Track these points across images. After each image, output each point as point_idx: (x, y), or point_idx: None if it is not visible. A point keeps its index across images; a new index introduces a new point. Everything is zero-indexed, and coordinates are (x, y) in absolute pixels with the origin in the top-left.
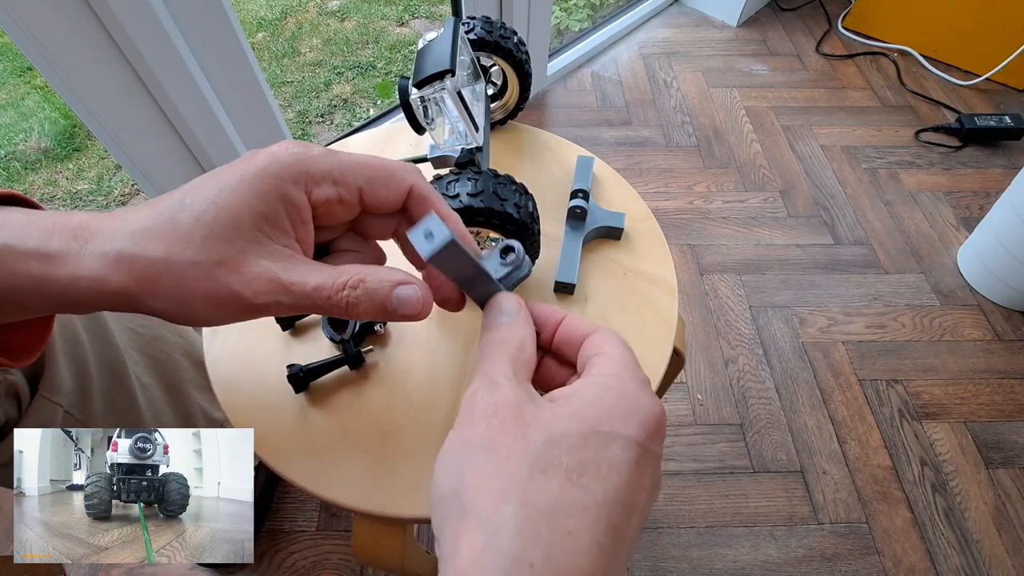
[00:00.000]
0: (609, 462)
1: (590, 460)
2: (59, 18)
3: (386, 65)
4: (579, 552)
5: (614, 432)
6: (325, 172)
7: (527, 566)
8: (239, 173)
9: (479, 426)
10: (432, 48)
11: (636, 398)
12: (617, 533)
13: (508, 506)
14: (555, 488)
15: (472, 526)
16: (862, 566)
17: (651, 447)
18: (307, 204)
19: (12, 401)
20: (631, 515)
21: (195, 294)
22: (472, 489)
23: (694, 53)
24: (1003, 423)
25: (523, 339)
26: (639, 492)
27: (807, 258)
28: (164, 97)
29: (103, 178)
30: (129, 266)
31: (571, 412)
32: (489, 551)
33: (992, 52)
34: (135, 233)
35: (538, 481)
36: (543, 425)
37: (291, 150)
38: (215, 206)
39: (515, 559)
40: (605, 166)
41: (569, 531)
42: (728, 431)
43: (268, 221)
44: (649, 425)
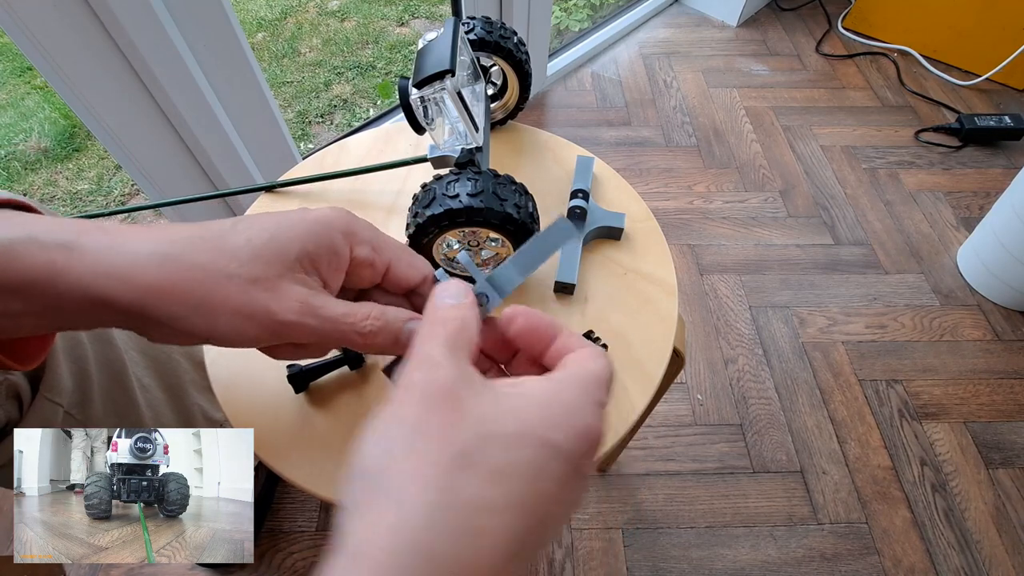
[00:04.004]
0: (536, 468)
1: (518, 462)
2: (59, 18)
3: (386, 65)
4: (485, 551)
5: (550, 441)
6: (368, 237)
7: (429, 554)
8: (297, 216)
9: (413, 406)
10: (432, 48)
11: (582, 412)
12: (527, 540)
13: (425, 493)
14: (477, 484)
15: (385, 505)
16: (862, 566)
17: (582, 465)
18: (348, 256)
19: (13, 402)
20: (546, 527)
21: (225, 305)
22: (394, 469)
23: (694, 53)
24: (1003, 423)
25: (465, 319)
26: (559, 506)
27: (807, 258)
28: (164, 97)
29: (103, 178)
30: (166, 264)
31: (511, 408)
32: (395, 532)
33: (992, 52)
34: (177, 241)
35: (462, 473)
36: (478, 415)
37: (346, 213)
38: (267, 233)
39: (419, 545)
40: (605, 166)
41: (480, 530)
42: (728, 431)
43: (311, 259)
44: (586, 443)
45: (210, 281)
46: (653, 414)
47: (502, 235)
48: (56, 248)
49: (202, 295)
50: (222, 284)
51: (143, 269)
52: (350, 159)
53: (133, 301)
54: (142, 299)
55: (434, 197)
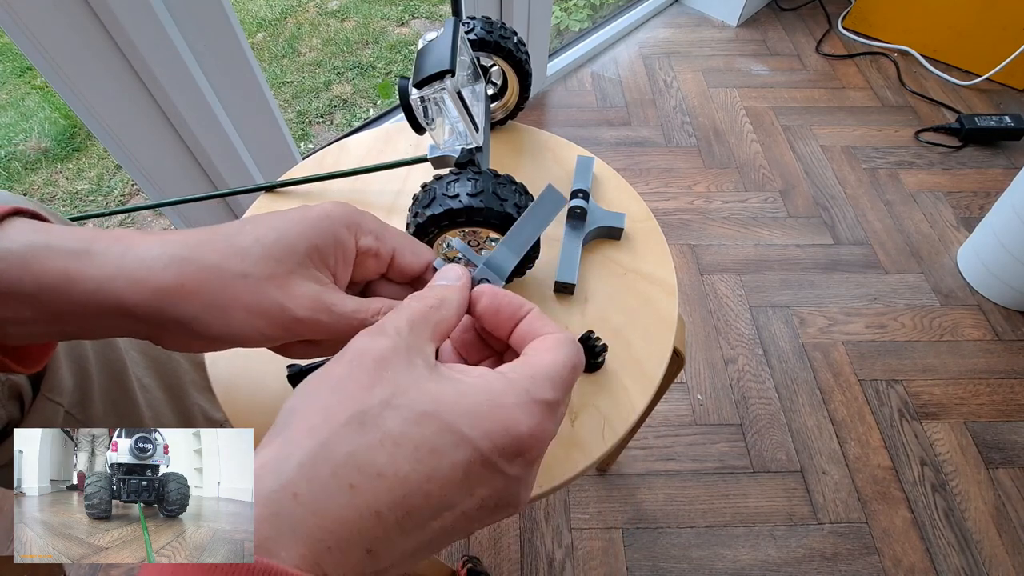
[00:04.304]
0: (432, 449)
1: (414, 438)
2: (59, 18)
3: (386, 65)
4: (351, 508)
5: (454, 426)
6: (372, 228)
7: (291, 495)
8: (300, 214)
9: (340, 364)
10: (432, 48)
11: (504, 409)
12: (411, 516)
13: (310, 439)
14: (362, 444)
15: (276, 444)
16: (862, 566)
17: (496, 461)
18: (353, 248)
19: (15, 402)
20: (439, 510)
21: (239, 303)
22: (298, 414)
23: (694, 53)
24: (1003, 423)
25: (443, 299)
26: (459, 495)
27: (807, 258)
28: (164, 97)
29: (103, 178)
30: (180, 266)
31: (433, 389)
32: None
33: (992, 52)
34: (189, 244)
35: (351, 431)
36: (396, 386)
37: (350, 206)
38: (275, 232)
39: (285, 485)
40: (605, 166)
41: (351, 485)
42: (728, 431)
43: (319, 253)
44: (501, 439)
45: (223, 281)
46: (653, 414)
47: (502, 235)
48: (70, 255)
49: (215, 294)
50: (235, 283)
51: (156, 272)
52: (350, 159)
53: (147, 304)
54: (156, 301)
55: (434, 197)
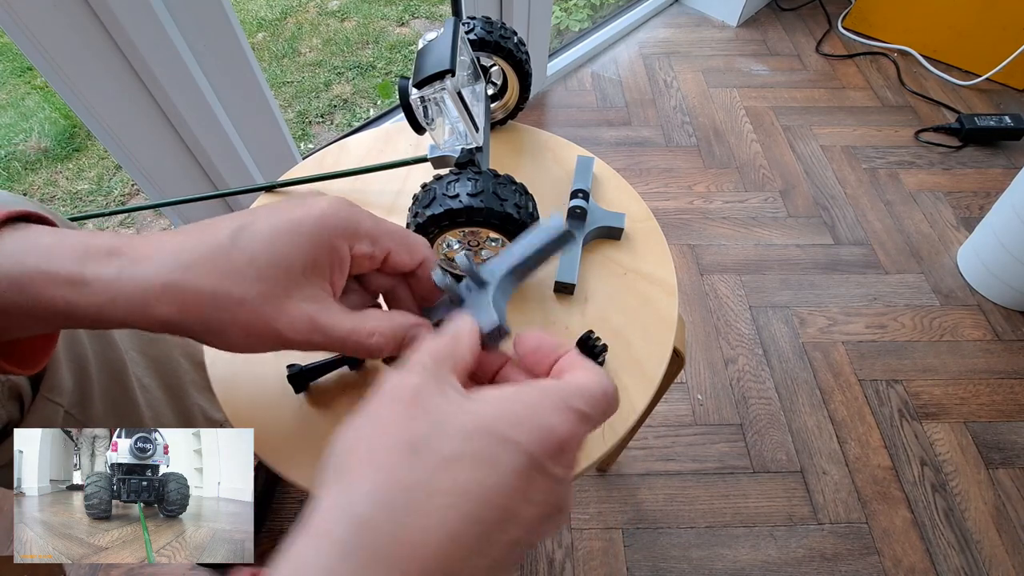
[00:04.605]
0: (487, 459)
1: (469, 453)
2: (59, 18)
3: (386, 65)
4: (425, 530)
5: (504, 435)
6: (367, 232)
7: (373, 529)
8: (296, 221)
9: (376, 402)
10: (432, 48)
11: (543, 413)
12: (481, 529)
13: (374, 474)
14: (424, 470)
15: (338, 487)
16: (862, 566)
17: (545, 463)
18: (348, 256)
19: (15, 402)
20: (505, 520)
21: (235, 326)
22: (352, 456)
23: (694, 53)
24: (1003, 423)
25: (459, 335)
26: (520, 502)
27: (807, 258)
28: (164, 97)
29: (103, 178)
30: (177, 296)
31: (472, 407)
32: (339, 508)
33: (992, 52)
34: (184, 265)
35: (408, 459)
36: (437, 412)
37: (344, 209)
38: (270, 249)
39: (362, 520)
40: (605, 166)
41: (424, 511)
42: (728, 431)
43: (316, 268)
44: (545, 440)
45: (220, 306)
46: (653, 414)
47: (502, 235)
48: (64, 284)
49: (212, 320)
50: (231, 309)
51: (154, 301)
52: (350, 159)
53: (148, 325)
54: (157, 326)
55: (434, 197)
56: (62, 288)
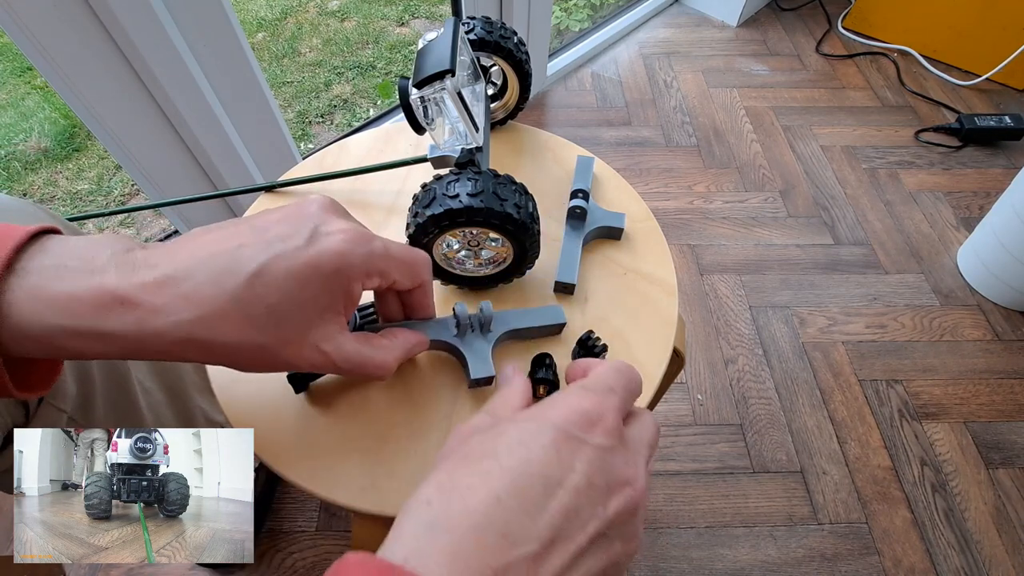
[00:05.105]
0: (520, 441)
1: (504, 440)
2: (59, 18)
3: (386, 65)
4: (474, 498)
5: (531, 417)
6: (379, 269)
7: (425, 503)
8: (313, 265)
9: (451, 440)
10: (432, 48)
11: (567, 396)
12: (525, 495)
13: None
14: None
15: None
16: (862, 566)
17: (574, 432)
18: (360, 293)
19: (19, 408)
20: (549, 487)
21: (256, 364)
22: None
23: (694, 53)
24: (1003, 423)
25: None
26: (560, 470)
27: (807, 258)
28: (164, 97)
29: (103, 178)
30: (200, 347)
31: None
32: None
33: (992, 52)
34: (202, 319)
35: (460, 466)
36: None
37: (360, 248)
38: (288, 297)
39: (418, 498)
40: (605, 166)
41: (469, 486)
42: (728, 431)
43: (330, 307)
44: (570, 414)
45: (242, 351)
46: (653, 414)
47: (502, 235)
48: (91, 338)
49: (235, 362)
50: (252, 353)
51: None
52: (350, 159)
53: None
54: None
55: (434, 197)
56: (89, 341)
